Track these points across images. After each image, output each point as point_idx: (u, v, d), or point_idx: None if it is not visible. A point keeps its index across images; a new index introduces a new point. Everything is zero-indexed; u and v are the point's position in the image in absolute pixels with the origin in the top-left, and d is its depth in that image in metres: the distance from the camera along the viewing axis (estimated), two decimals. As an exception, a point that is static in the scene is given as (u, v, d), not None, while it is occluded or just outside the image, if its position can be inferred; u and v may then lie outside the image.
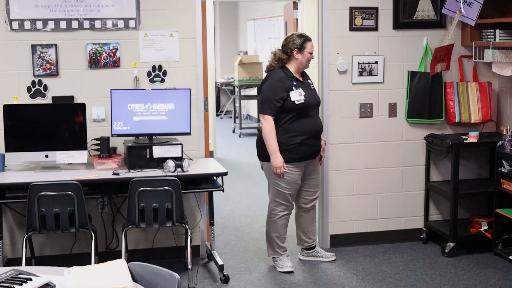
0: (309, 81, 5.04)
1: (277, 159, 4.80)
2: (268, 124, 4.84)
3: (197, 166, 5.04)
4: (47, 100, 5.06)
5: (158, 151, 4.87)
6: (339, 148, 5.53)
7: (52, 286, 2.65)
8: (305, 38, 4.90)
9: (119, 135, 5.00)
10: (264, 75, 5.11)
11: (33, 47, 4.99)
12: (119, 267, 2.81)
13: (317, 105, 5.05)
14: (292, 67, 4.91)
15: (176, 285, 2.65)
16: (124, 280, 2.66)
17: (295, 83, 4.87)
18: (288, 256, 5.14)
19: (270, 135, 4.83)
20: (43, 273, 2.74)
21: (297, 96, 4.83)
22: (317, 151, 5.03)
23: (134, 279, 2.75)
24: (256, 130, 12.41)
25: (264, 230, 6.22)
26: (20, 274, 2.68)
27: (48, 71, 5.04)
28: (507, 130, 5.18)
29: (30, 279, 2.63)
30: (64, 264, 3.24)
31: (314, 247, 5.30)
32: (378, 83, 5.57)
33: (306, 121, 4.89)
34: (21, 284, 2.57)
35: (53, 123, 4.93)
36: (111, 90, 4.97)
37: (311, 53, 4.91)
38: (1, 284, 2.56)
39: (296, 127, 4.86)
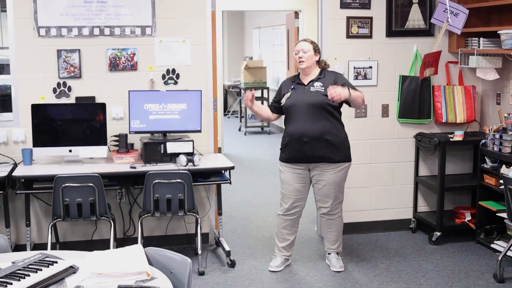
0: (316, 83, 4.53)
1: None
2: None
3: (207, 161, 5.04)
4: (71, 100, 5.06)
5: (171, 147, 4.87)
6: (336, 145, 5.52)
7: (75, 268, 2.65)
8: (296, 42, 4.68)
9: (136, 132, 5.00)
10: (268, 78, 5.03)
11: (59, 51, 4.99)
12: (136, 251, 2.80)
13: (305, 106, 4.47)
14: None
15: (188, 268, 2.65)
16: (141, 264, 2.66)
17: (293, 87, 4.62)
18: (281, 258, 4.83)
19: None
20: (67, 257, 2.74)
21: (283, 99, 4.61)
22: (305, 156, 4.52)
23: (150, 263, 2.74)
24: (260, 128, 12.41)
25: (268, 220, 6.23)
26: (46, 257, 2.69)
27: (72, 74, 5.04)
28: (489, 129, 5.16)
29: (56, 262, 2.63)
30: (86, 249, 3.25)
31: (329, 253, 4.88)
32: (372, 86, 5.55)
33: (292, 123, 4.56)
34: (48, 266, 2.57)
35: (76, 121, 4.94)
36: (129, 91, 4.97)
37: (296, 54, 4.57)
38: (30, 265, 2.56)
39: (286, 128, 4.64)
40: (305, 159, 4.58)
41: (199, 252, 4.77)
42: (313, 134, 4.48)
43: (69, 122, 4.93)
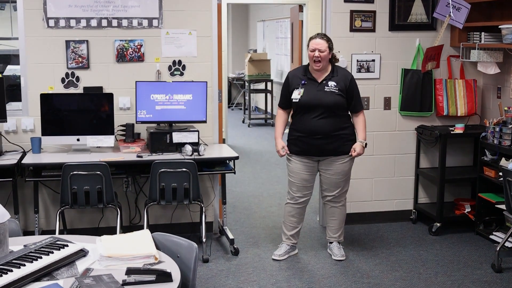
0: (330, 83, 4.57)
1: (276, 145, 4.75)
2: (277, 114, 4.85)
3: (212, 151, 5.10)
4: (79, 90, 5.12)
5: (177, 137, 4.93)
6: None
7: (85, 251, 2.73)
8: (311, 37, 4.65)
9: (142, 122, 5.05)
10: (272, 71, 5.04)
11: (67, 42, 5.05)
12: (144, 236, 2.87)
13: (321, 107, 4.53)
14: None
15: (194, 253, 2.72)
16: (149, 248, 2.73)
17: (303, 82, 4.61)
18: (287, 247, 4.90)
19: (276, 123, 4.84)
20: (77, 241, 2.81)
21: (295, 94, 4.60)
22: (317, 150, 4.61)
23: (157, 247, 2.81)
24: (263, 121, 12.46)
25: (271, 210, 6.29)
26: (58, 241, 2.75)
27: (80, 64, 5.10)
28: (489, 122, 5.21)
29: (67, 245, 2.70)
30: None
31: (331, 242, 4.95)
32: (374, 79, 5.60)
33: (303, 120, 4.60)
34: (59, 249, 2.64)
35: (84, 111, 5.00)
36: (136, 82, 5.02)
37: (312, 51, 4.55)
38: (42, 248, 2.63)
39: (295, 123, 4.68)
40: (316, 153, 4.66)
41: (204, 240, 4.83)
42: (326, 132, 4.58)
43: (77, 111, 4.98)
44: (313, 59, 4.56)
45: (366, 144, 4.73)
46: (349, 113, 4.73)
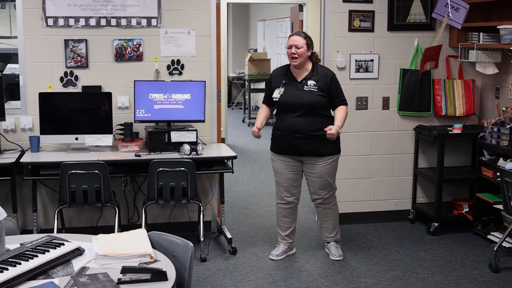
0: (310, 82, 4.56)
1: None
2: (260, 108, 4.84)
3: (210, 150, 5.10)
4: (78, 89, 5.13)
5: (176, 136, 4.93)
6: (337, 136, 5.57)
7: (81, 250, 2.74)
8: (289, 35, 4.62)
9: (141, 121, 5.06)
10: (272, 71, 5.03)
11: (66, 41, 5.06)
12: (140, 235, 2.88)
13: (300, 106, 4.52)
14: None
15: (190, 252, 2.73)
16: (145, 247, 2.74)
17: (284, 81, 4.61)
18: (284, 246, 4.90)
19: (257, 115, 4.79)
20: (74, 240, 2.82)
21: (276, 93, 4.60)
22: (297, 149, 4.60)
23: (153, 246, 2.82)
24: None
25: (270, 210, 6.30)
26: (54, 239, 2.76)
27: (79, 63, 5.11)
28: (488, 123, 5.22)
29: (63, 244, 2.71)
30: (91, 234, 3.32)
31: (328, 242, 4.95)
32: (373, 79, 5.61)
33: (284, 118, 4.60)
34: (55, 248, 2.65)
35: (83, 110, 5.00)
36: (134, 81, 5.03)
37: (289, 48, 4.54)
38: (38, 247, 2.64)
39: (277, 122, 4.68)
40: (296, 152, 4.65)
41: (202, 239, 4.84)
42: (305, 131, 4.56)
43: (76, 110, 4.99)
44: (290, 56, 4.55)
45: (340, 127, 4.56)
46: (331, 111, 4.69)
